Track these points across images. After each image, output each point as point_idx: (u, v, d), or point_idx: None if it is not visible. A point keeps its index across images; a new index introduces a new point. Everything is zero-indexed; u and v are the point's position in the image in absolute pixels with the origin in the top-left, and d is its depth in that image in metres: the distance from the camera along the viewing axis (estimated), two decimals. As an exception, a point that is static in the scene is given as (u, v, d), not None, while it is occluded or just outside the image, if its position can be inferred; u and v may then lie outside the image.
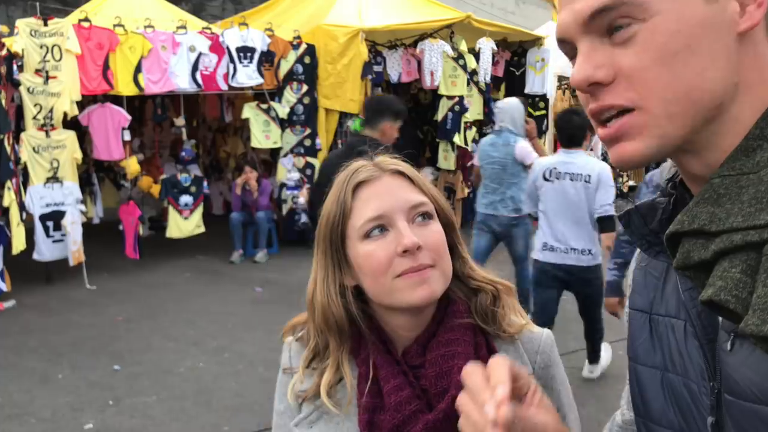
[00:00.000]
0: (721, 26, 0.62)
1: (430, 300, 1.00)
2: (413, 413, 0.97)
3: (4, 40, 6.28)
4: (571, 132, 4.12)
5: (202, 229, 7.91)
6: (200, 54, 7.37)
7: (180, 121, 8.17)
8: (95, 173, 8.78)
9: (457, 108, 8.73)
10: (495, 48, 9.05)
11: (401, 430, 0.97)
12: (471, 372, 0.72)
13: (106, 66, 6.87)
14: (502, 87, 9.88)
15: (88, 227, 7.43)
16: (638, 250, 0.82)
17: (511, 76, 9.77)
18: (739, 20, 0.62)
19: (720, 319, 0.65)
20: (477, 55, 8.87)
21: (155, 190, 7.82)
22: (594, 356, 4.39)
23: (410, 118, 10.90)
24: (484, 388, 0.69)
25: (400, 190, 1.03)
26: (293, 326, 1.17)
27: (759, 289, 0.53)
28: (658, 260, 0.76)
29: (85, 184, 8.29)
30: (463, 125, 8.87)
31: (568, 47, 0.68)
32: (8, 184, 6.16)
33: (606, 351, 4.51)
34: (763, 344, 0.53)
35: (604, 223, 4.00)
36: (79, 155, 6.83)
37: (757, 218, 0.56)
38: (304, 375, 1.08)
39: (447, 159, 9.09)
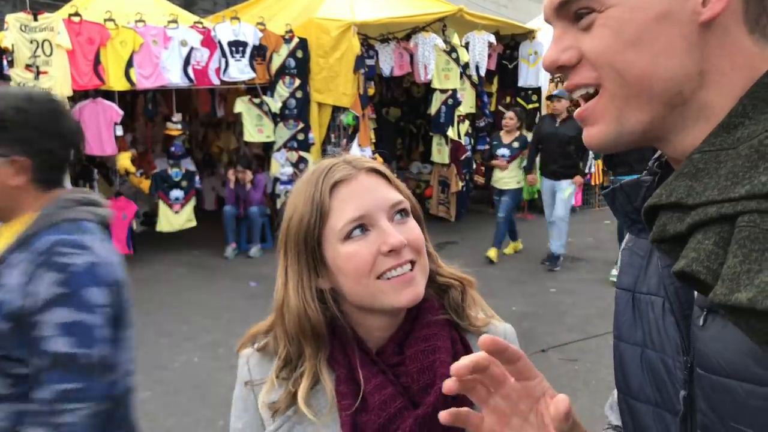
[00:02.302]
0: (680, 16, 0.64)
1: (415, 301, 1.00)
2: (398, 411, 0.96)
3: (-7, 35, 6.24)
4: None
5: (194, 223, 7.90)
6: (192, 48, 7.34)
7: (177, 117, 8.14)
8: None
9: (450, 101, 8.73)
10: (494, 41, 9.05)
11: (388, 428, 0.96)
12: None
13: (97, 61, 6.83)
14: (495, 80, 9.89)
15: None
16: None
17: (504, 69, 9.79)
18: (702, 10, 0.63)
19: (695, 294, 0.67)
20: (467, 48, 8.87)
21: (145, 185, 7.81)
22: None
23: (402, 112, 10.93)
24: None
25: (378, 189, 1.02)
26: (253, 336, 1.12)
27: (729, 259, 0.54)
28: (640, 238, 0.78)
29: (85, 179, 8.27)
30: (456, 118, 8.87)
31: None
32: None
33: None
34: (730, 314, 0.54)
35: None
36: (70, 151, 6.79)
37: (732, 191, 0.56)
38: (274, 385, 1.04)
39: (441, 153, 9.10)
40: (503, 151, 7.44)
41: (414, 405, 0.97)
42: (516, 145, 7.45)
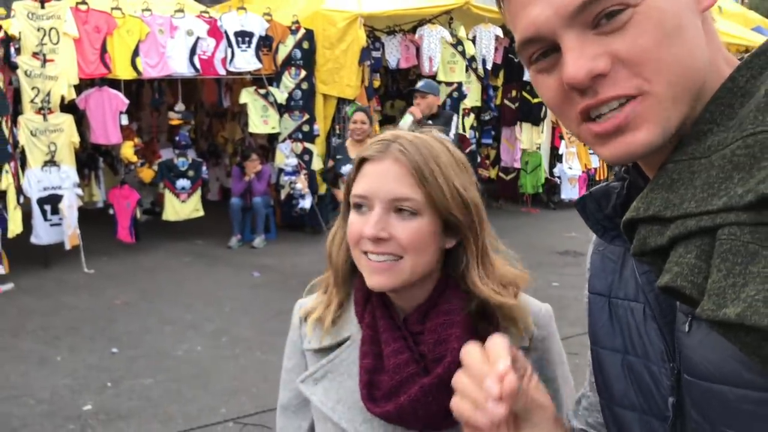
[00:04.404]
0: (694, 4, 0.62)
1: (385, 289, 1.05)
2: (410, 376, 1.02)
3: (1, 22, 6.26)
4: None
5: (201, 213, 7.92)
6: (198, 38, 7.35)
7: (180, 107, 8.15)
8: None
9: (455, 94, 8.73)
10: (501, 35, 9.03)
11: (398, 391, 1.02)
12: (469, 350, 0.71)
13: (103, 49, 6.85)
14: (501, 74, 9.87)
15: (87, 211, 7.43)
16: (594, 235, 0.82)
17: (510, 63, 9.77)
18: None
19: (677, 301, 0.65)
20: (473, 42, 8.85)
21: (145, 174, 7.84)
22: None
23: (407, 105, 10.92)
24: (484, 365, 0.69)
25: (392, 180, 1.03)
26: (313, 285, 1.23)
27: (713, 274, 0.54)
28: (614, 245, 0.77)
29: (89, 167, 8.30)
30: (461, 112, 8.87)
31: (537, 47, 0.64)
32: (5, 167, 6.16)
33: None
34: (719, 328, 0.54)
35: None
36: (76, 139, 6.82)
37: (710, 203, 0.56)
38: (314, 303, 1.18)
39: (445, 145, 9.09)
40: (349, 170, 6.02)
41: (427, 372, 1.03)
42: None
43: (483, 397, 0.66)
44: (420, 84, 5.79)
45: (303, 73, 7.90)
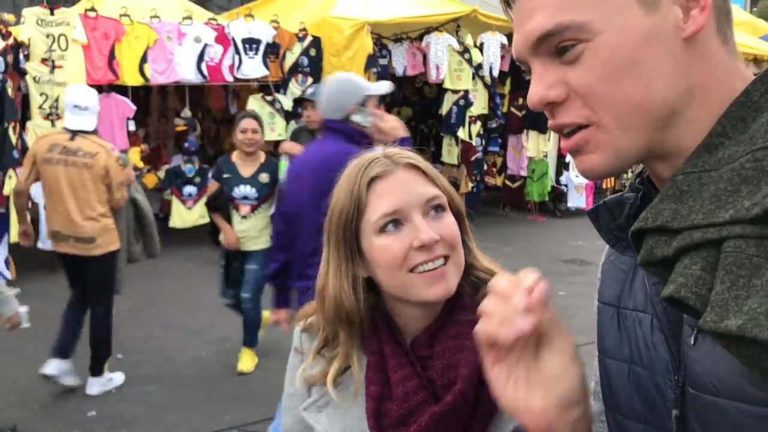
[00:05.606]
0: (665, 35, 0.63)
1: (445, 296, 1.02)
2: (420, 404, 0.99)
3: (10, 29, 6.30)
4: None
5: (207, 220, 7.90)
6: (206, 45, 7.38)
7: (186, 113, 8.18)
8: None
9: (461, 102, 8.73)
10: (505, 42, 9.04)
11: (407, 419, 0.99)
12: (498, 278, 0.72)
13: (111, 56, 6.89)
14: (508, 81, 9.87)
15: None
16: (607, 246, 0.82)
17: (517, 71, 9.76)
18: (684, 26, 0.63)
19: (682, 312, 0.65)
20: (480, 49, 8.85)
21: (150, 180, 7.85)
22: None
23: (414, 113, 10.93)
24: (513, 287, 0.68)
25: (414, 185, 1.04)
26: (306, 314, 1.18)
27: (717, 286, 0.54)
28: (625, 255, 0.77)
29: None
30: (467, 119, 8.87)
31: (526, 66, 0.69)
32: (10, 172, 6.19)
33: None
34: (721, 340, 0.54)
35: None
36: (84, 145, 6.85)
37: (717, 216, 0.56)
38: (314, 361, 1.10)
39: (450, 153, 9.10)
40: (244, 191, 4.37)
41: (436, 399, 1.00)
42: (264, 178, 4.38)
43: (510, 312, 0.67)
44: (309, 91, 4.59)
45: (310, 80, 7.91)
